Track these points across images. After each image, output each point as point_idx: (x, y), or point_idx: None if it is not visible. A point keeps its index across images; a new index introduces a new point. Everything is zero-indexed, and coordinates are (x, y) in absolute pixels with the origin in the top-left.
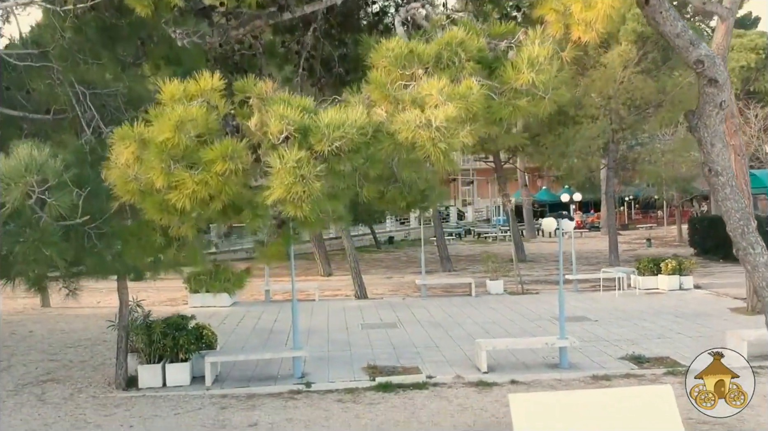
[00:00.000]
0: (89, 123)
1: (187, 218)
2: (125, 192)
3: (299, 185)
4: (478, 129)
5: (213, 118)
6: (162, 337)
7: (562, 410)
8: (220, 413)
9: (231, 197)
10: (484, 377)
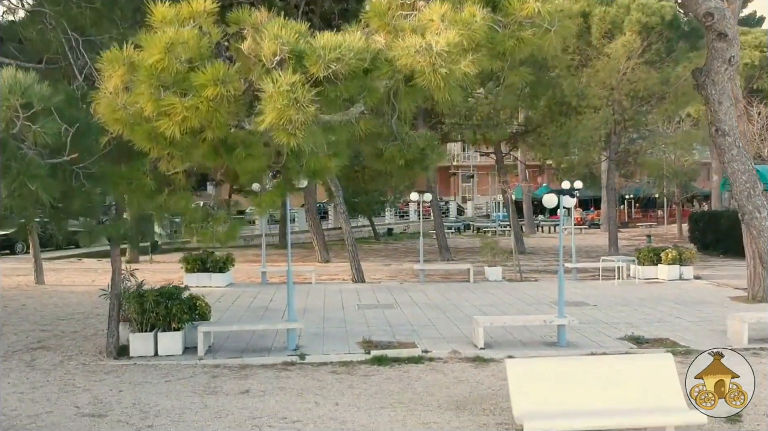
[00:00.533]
0: (81, 70)
1: (177, 148)
2: (114, 121)
3: (292, 109)
4: (480, 60)
5: (205, 43)
6: (154, 305)
7: (559, 376)
8: (211, 381)
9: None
10: (480, 353)
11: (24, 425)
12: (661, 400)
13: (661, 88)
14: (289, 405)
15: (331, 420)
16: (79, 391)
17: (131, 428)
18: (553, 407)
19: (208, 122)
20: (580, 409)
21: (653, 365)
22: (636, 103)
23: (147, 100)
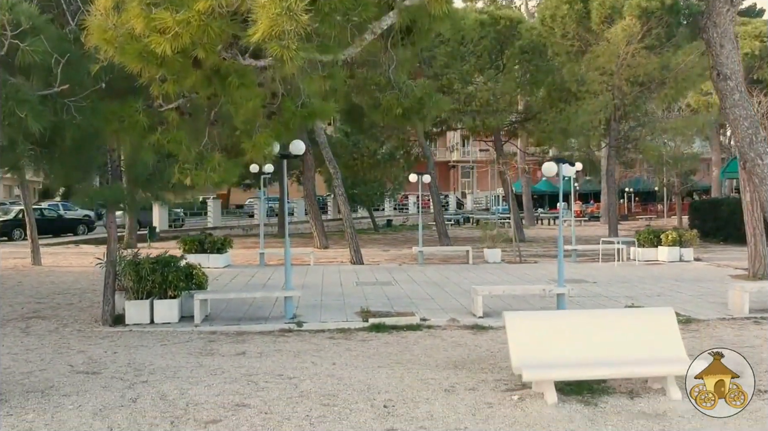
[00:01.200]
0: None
1: (168, 70)
2: (104, 42)
3: (285, 18)
4: None
5: None
6: (150, 273)
7: (559, 329)
8: (207, 344)
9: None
10: (479, 321)
11: (17, 380)
12: (662, 352)
13: (661, 73)
14: (286, 364)
15: (328, 377)
16: (73, 353)
17: (125, 383)
18: (552, 358)
19: (200, 39)
20: (579, 360)
21: (654, 319)
22: (636, 88)
23: (137, 16)
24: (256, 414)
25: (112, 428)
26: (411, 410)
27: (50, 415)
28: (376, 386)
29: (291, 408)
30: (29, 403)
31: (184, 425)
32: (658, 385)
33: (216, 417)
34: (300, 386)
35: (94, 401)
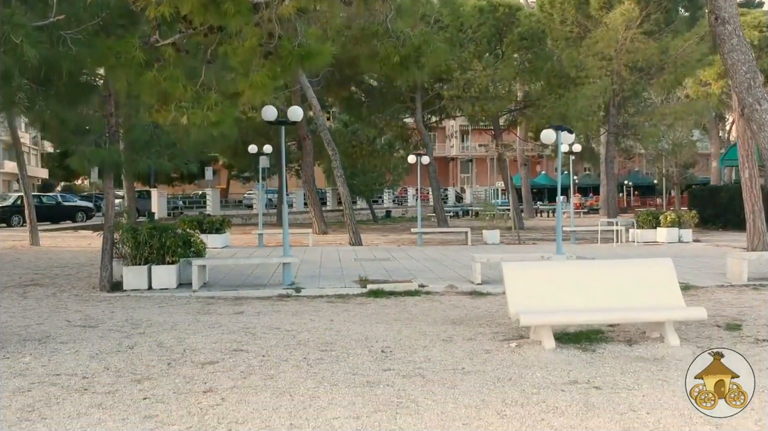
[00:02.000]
0: None
1: None
2: None
3: None
4: None
5: None
6: (148, 238)
7: (558, 277)
8: (205, 306)
9: None
10: (477, 287)
11: (14, 331)
12: (661, 300)
13: (660, 59)
14: (284, 320)
15: (326, 329)
16: (70, 312)
17: (123, 334)
18: (550, 305)
19: None
20: (577, 307)
21: (653, 269)
22: (635, 74)
23: None
24: (254, 357)
25: (109, 368)
26: (408, 355)
27: (47, 358)
28: (374, 336)
29: (288, 353)
30: (26, 349)
31: (181, 366)
32: (657, 335)
33: (213, 360)
34: (297, 336)
35: (91, 347)
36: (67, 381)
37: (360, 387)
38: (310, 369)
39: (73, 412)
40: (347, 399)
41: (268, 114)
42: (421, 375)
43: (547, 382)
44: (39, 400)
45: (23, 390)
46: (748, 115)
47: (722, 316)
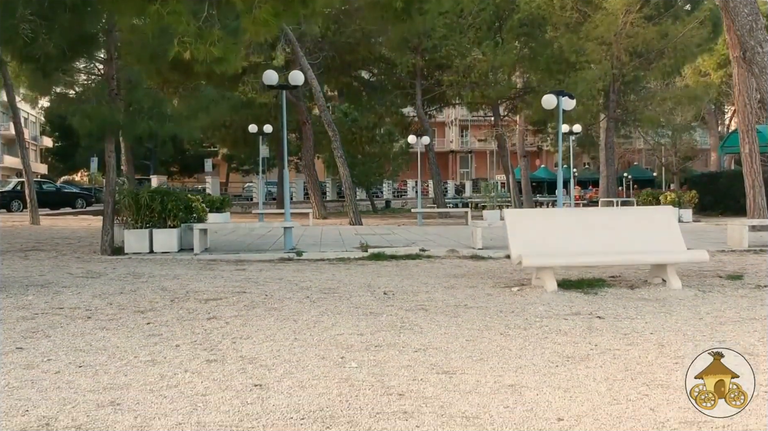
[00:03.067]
0: None
1: None
2: None
3: None
4: None
5: None
6: (150, 201)
7: (560, 224)
8: (207, 265)
9: None
10: (478, 252)
11: (16, 279)
12: (663, 244)
13: (660, 43)
14: (286, 274)
15: (328, 280)
16: (72, 268)
17: (125, 282)
18: (553, 249)
19: None
20: (579, 250)
21: (655, 216)
22: (635, 59)
23: None
24: (257, 296)
25: (112, 304)
26: (411, 296)
27: (50, 297)
28: (376, 284)
29: (291, 293)
30: (29, 291)
31: (184, 302)
32: (658, 280)
33: (216, 297)
34: (300, 284)
35: (94, 290)
36: (70, 313)
37: (363, 316)
38: (313, 304)
39: (77, 332)
40: (351, 322)
41: (268, 78)
42: (424, 309)
43: (550, 313)
44: (43, 325)
45: (27, 319)
46: (749, 59)
47: (724, 271)
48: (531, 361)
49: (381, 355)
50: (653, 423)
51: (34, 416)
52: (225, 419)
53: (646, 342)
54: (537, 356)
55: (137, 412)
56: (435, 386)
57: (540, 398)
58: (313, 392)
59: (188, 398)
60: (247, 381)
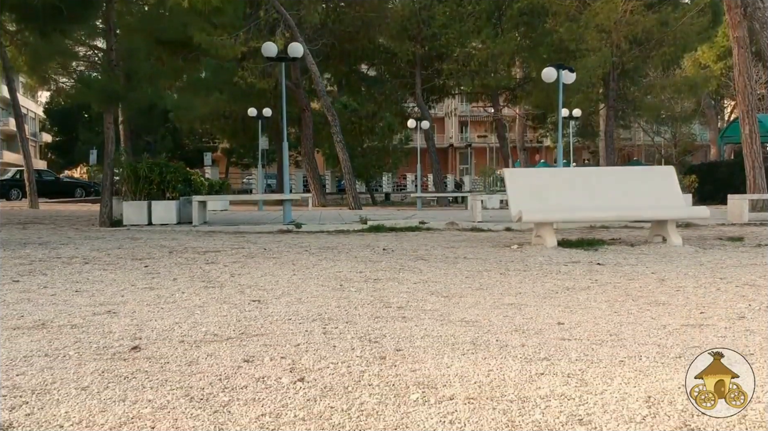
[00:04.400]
0: None
1: None
2: None
3: None
4: None
5: None
6: (148, 173)
7: (559, 182)
8: (206, 234)
9: None
10: (478, 225)
11: (14, 240)
12: (662, 201)
13: (659, 31)
14: (285, 239)
15: (326, 243)
16: (70, 234)
17: (124, 241)
18: (552, 206)
19: None
20: (579, 207)
21: (655, 175)
22: (635, 47)
23: None
24: (255, 249)
25: (110, 254)
26: (410, 252)
27: (48, 250)
28: (376, 244)
29: (290, 249)
30: (27, 248)
31: (182, 254)
32: (659, 239)
33: (215, 250)
34: (300, 245)
35: (91, 246)
36: (68, 260)
37: (363, 262)
38: (312, 255)
39: (74, 271)
40: (350, 265)
41: (268, 50)
42: (424, 259)
43: (550, 262)
44: (40, 267)
45: (24, 264)
46: (750, 14)
47: (724, 236)
48: (531, 290)
49: (380, 285)
50: (654, 327)
51: (29, 320)
52: (222, 320)
53: (647, 278)
54: (537, 287)
55: (133, 318)
56: (434, 303)
57: (540, 311)
58: (312, 305)
59: (185, 309)
60: (245, 299)
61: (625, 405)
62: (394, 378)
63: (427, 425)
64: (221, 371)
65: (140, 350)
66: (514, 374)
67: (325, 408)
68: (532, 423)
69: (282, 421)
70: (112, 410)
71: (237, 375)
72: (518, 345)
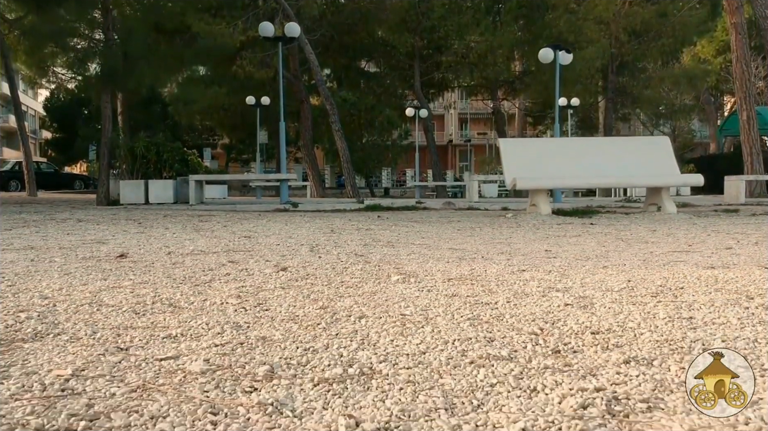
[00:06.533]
0: None
1: None
2: None
3: None
4: None
5: None
6: (145, 152)
7: (553, 150)
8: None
9: None
10: (474, 204)
11: (11, 212)
12: (657, 169)
13: (658, 22)
14: (280, 216)
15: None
16: (66, 210)
17: (123, 216)
18: (547, 173)
19: None
20: (573, 174)
21: (649, 145)
22: (633, 39)
23: None
24: (249, 215)
25: (104, 217)
26: (404, 219)
27: (42, 216)
28: (374, 217)
29: (286, 216)
30: (22, 213)
31: (176, 217)
32: (654, 209)
33: (208, 214)
34: (294, 218)
35: (86, 213)
36: (62, 220)
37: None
38: (307, 221)
39: (66, 227)
40: (343, 222)
41: (265, 29)
42: (418, 222)
43: (544, 225)
44: (34, 224)
45: (18, 221)
46: None
47: (720, 209)
48: (522, 237)
49: (372, 231)
50: (641, 252)
51: (18, 244)
52: (211, 244)
53: (639, 229)
54: (528, 235)
55: (122, 245)
56: (424, 240)
57: (528, 246)
58: (302, 239)
59: (176, 240)
60: (235, 236)
61: (605, 284)
62: (376, 270)
63: (406, 293)
64: (205, 266)
65: (126, 257)
66: (497, 270)
67: (306, 283)
68: (509, 289)
69: (263, 289)
70: (93, 285)
71: (221, 268)
72: (503, 260)
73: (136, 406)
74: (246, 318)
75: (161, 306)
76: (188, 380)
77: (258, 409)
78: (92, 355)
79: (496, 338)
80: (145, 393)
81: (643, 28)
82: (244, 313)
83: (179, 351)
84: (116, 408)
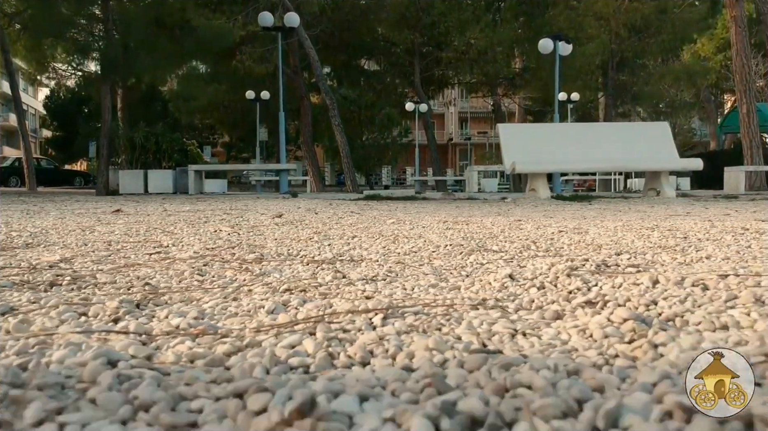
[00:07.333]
0: None
1: None
2: None
3: None
4: None
5: None
6: (145, 142)
7: (552, 136)
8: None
9: None
10: (474, 194)
11: (12, 200)
12: (656, 154)
13: (658, 18)
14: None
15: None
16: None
17: (118, 198)
18: (545, 158)
19: None
20: (572, 159)
21: (648, 130)
22: (633, 35)
23: None
24: (248, 199)
25: (103, 200)
26: (406, 205)
27: (42, 201)
28: (372, 203)
29: (284, 201)
30: (21, 196)
31: (174, 199)
32: (653, 194)
33: (207, 199)
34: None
35: (85, 199)
36: (61, 202)
37: (355, 205)
38: (306, 201)
39: (65, 205)
40: (345, 204)
41: (264, 19)
42: (418, 206)
43: (543, 204)
44: (34, 206)
45: (17, 203)
46: None
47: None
48: (519, 212)
49: (365, 211)
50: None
51: (16, 209)
52: (211, 206)
53: (637, 208)
54: (526, 212)
55: (120, 208)
56: (417, 214)
57: (525, 215)
58: (306, 206)
59: (175, 206)
60: (234, 205)
61: (601, 225)
62: (371, 219)
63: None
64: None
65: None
66: (492, 220)
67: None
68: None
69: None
70: (87, 222)
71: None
72: (501, 218)
73: (124, 273)
74: (238, 238)
75: (155, 232)
76: (177, 262)
77: (245, 273)
78: (82, 251)
79: (488, 245)
80: (132, 268)
81: (643, 24)
82: (237, 236)
83: (169, 251)
84: (103, 274)
